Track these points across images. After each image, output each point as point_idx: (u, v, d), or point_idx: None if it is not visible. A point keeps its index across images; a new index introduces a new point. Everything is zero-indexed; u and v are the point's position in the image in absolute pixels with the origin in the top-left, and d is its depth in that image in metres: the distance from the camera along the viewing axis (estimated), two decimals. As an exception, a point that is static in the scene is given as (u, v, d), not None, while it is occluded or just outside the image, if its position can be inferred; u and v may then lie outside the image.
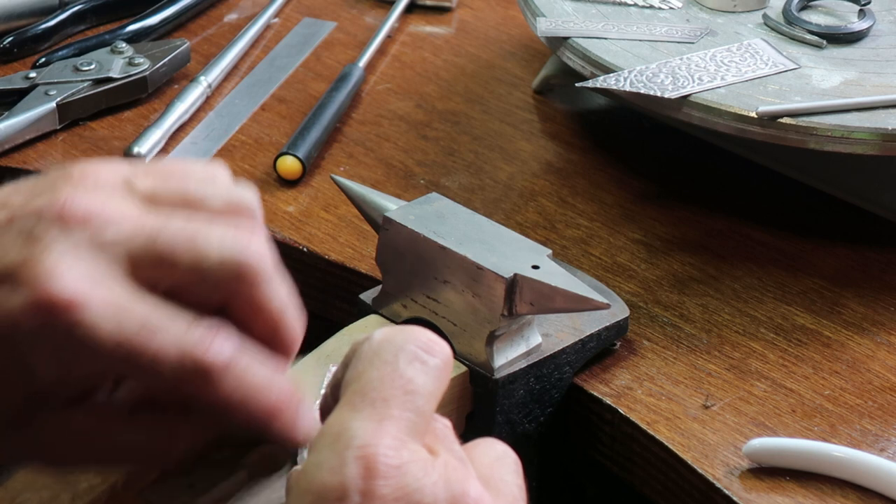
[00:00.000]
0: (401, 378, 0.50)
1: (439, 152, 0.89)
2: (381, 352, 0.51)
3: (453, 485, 0.48)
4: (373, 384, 0.50)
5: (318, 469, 0.48)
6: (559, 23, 0.85)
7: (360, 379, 0.50)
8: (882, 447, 0.68)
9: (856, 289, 0.79)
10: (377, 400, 0.49)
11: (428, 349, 0.51)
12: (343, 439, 0.48)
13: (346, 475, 0.47)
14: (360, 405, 0.49)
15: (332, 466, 0.47)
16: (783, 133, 0.76)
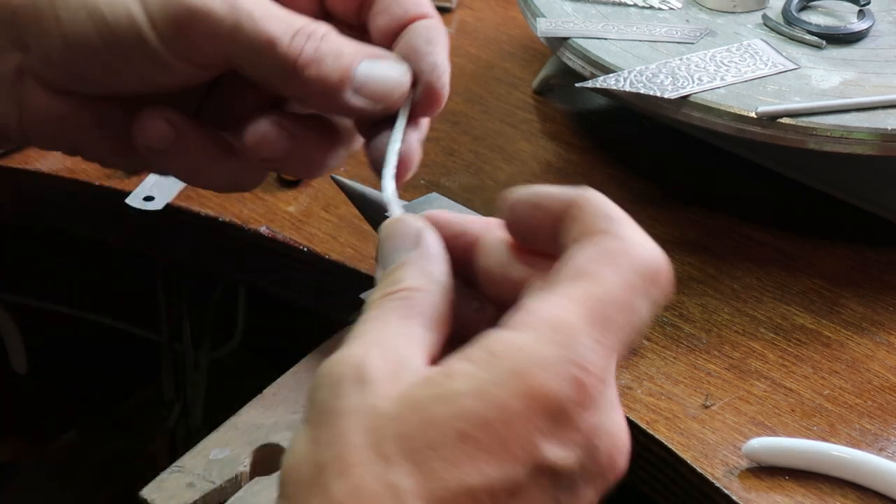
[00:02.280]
0: (635, 314, 0.47)
1: (439, 152, 0.90)
2: (627, 266, 0.47)
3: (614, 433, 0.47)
4: (613, 301, 0.46)
5: (538, 363, 0.44)
6: (559, 23, 0.85)
7: (601, 283, 0.46)
8: (881, 447, 0.68)
9: (855, 289, 0.79)
10: (612, 326, 0.46)
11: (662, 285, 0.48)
12: (572, 349, 0.45)
13: (562, 389, 0.45)
14: (596, 321, 0.46)
15: (550, 367, 0.44)
16: (783, 133, 0.76)
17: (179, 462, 0.62)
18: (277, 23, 0.56)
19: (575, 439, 0.46)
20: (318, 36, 0.57)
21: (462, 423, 0.44)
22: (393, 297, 0.49)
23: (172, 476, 0.61)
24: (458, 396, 0.44)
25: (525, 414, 0.44)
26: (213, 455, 0.62)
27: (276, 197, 0.85)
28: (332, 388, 0.46)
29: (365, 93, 0.58)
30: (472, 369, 0.45)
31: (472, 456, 0.44)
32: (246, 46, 0.56)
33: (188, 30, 0.55)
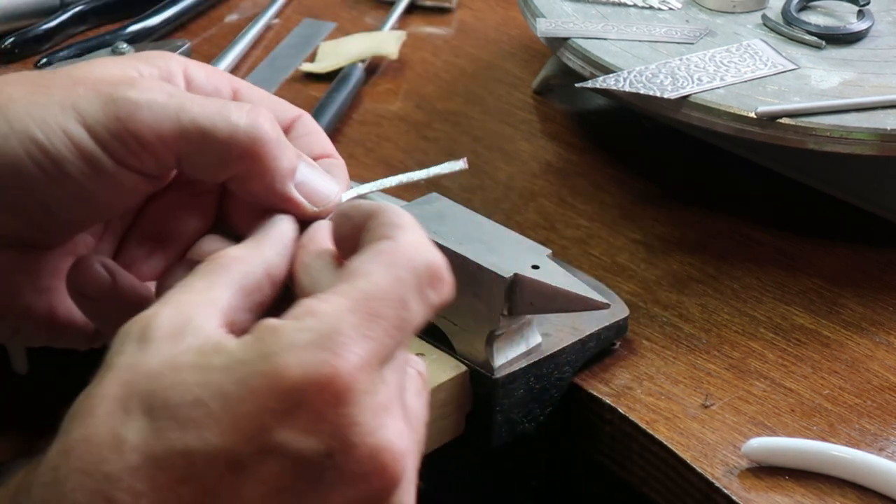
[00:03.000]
0: (403, 304, 0.48)
1: (439, 152, 0.90)
2: (397, 263, 0.48)
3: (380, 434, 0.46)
4: (379, 294, 0.47)
5: (288, 350, 0.45)
6: (559, 23, 0.86)
7: (368, 278, 0.47)
8: (881, 446, 0.68)
9: (855, 289, 0.79)
10: (376, 314, 0.47)
11: (436, 285, 0.49)
12: (329, 339, 0.45)
13: (308, 376, 0.45)
14: (359, 310, 0.46)
15: (302, 358, 0.45)
16: (782, 133, 0.76)
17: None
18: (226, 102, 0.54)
19: (318, 428, 0.45)
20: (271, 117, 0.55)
21: (202, 390, 0.45)
22: (210, 262, 0.50)
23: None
24: (210, 368, 0.45)
25: (262, 392, 0.45)
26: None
27: (276, 197, 0.85)
28: (117, 344, 0.47)
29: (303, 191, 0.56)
30: (233, 347, 0.46)
31: (200, 423, 0.44)
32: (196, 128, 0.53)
33: (133, 124, 0.53)
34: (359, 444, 0.46)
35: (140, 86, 0.53)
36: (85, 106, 0.52)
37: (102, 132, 0.52)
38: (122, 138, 0.52)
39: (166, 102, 0.53)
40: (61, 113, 0.52)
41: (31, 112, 0.52)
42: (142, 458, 0.44)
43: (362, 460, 0.46)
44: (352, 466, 0.46)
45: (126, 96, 0.53)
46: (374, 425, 0.46)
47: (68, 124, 0.52)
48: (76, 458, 0.45)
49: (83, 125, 0.52)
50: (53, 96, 0.53)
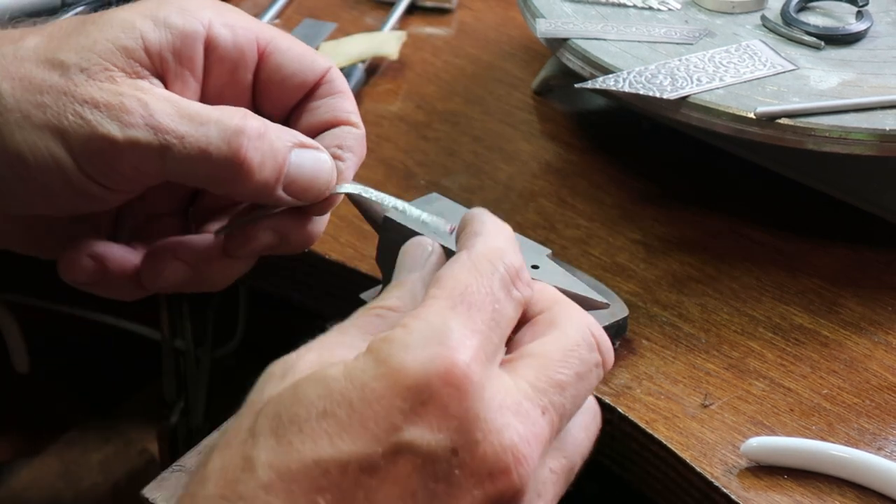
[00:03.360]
0: (493, 297, 0.50)
1: (439, 153, 0.90)
2: (480, 262, 0.51)
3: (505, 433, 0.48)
4: (470, 290, 0.49)
5: (402, 350, 0.47)
6: (559, 24, 0.86)
7: (457, 280, 0.50)
8: (880, 446, 0.68)
9: (854, 289, 0.79)
10: (473, 307, 0.49)
11: (516, 280, 0.51)
12: (435, 332, 0.47)
13: (428, 371, 0.46)
14: (458, 306, 0.49)
15: (416, 355, 0.47)
16: (781, 134, 0.77)
17: (180, 462, 0.62)
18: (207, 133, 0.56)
19: (444, 423, 0.47)
20: (256, 136, 0.57)
21: (326, 401, 0.46)
22: (369, 312, 0.52)
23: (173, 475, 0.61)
24: (329, 379, 0.47)
25: (386, 394, 0.46)
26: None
27: (277, 197, 0.85)
28: (260, 383, 0.50)
29: (292, 191, 0.58)
30: (348, 360, 0.48)
31: (329, 431, 0.46)
32: (179, 164, 0.56)
33: (115, 163, 0.55)
34: (482, 441, 0.47)
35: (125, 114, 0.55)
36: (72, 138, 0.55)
37: (86, 166, 0.55)
38: (105, 173, 0.56)
39: (149, 142, 0.55)
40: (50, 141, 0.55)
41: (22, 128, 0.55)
42: (275, 473, 0.46)
43: (486, 457, 0.47)
44: (477, 464, 0.47)
45: (109, 135, 0.55)
46: (499, 423, 0.47)
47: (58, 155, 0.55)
48: (212, 485, 0.46)
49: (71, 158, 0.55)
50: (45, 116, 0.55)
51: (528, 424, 0.48)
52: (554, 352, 0.51)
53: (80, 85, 0.55)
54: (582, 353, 0.52)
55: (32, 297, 1.14)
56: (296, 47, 0.62)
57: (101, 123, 0.55)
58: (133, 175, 0.56)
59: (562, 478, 0.51)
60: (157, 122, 0.55)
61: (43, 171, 0.55)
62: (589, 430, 0.53)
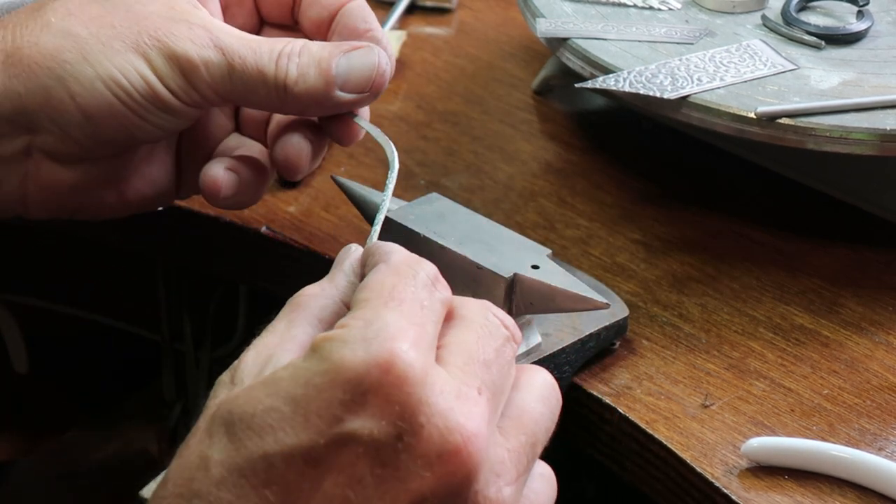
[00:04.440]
0: (419, 296, 0.52)
1: (439, 152, 0.90)
2: (400, 267, 0.54)
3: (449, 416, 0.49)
4: (397, 289, 0.52)
5: (342, 346, 0.49)
6: (559, 24, 0.86)
7: (383, 283, 0.53)
8: (880, 446, 0.68)
9: (854, 289, 0.79)
10: (404, 303, 0.51)
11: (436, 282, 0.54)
12: (374, 326, 0.49)
13: (367, 362, 0.48)
14: (389, 303, 0.51)
15: (356, 350, 0.49)
16: (782, 133, 0.77)
17: (180, 462, 0.62)
18: (261, 54, 0.64)
19: (386, 411, 0.48)
20: (296, 52, 0.64)
21: (272, 398, 0.48)
22: (289, 302, 0.56)
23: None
24: (277, 380, 0.49)
25: (328, 387, 0.48)
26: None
27: (277, 197, 0.85)
28: (214, 391, 0.52)
29: (350, 87, 0.65)
30: (297, 361, 0.50)
31: (274, 426, 0.48)
32: (242, 83, 0.64)
33: (191, 78, 0.63)
34: (426, 425, 0.48)
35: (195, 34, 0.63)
36: (154, 57, 0.62)
37: (170, 82, 0.63)
38: (186, 89, 0.63)
39: (219, 62, 0.63)
40: (136, 61, 0.62)
41: (110, 57, 0.62)
42: (225, 470, 0.48)
43: (432, 440, 0.48)
44: (424, 447, 0.48)
45: (186, 54, 0.63)
46: (442, 406, 0.49)
47: (145, 73, 0.63)
48: (172, 485, 0.49)
49: (156, 74, 0.63)
50: (125, 42, 0.63)
51: (469, 405, 0.50)
52: (468, 336, 0.53)
53: (148, 17, 0.63)
54: (492, 330, 0.54)
55: (32, 297, 1.14)
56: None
57: (176, 44, 0.62)
58: (207, 91, 0.63)
59: (524, 455, 0.52)
60: (223, 43, 0.63)
61: (136, 91, 0.62)
62: (549, 402, 0.54)
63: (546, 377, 0.55)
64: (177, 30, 0.63)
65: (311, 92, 0.64)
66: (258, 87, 0.64)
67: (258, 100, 0.65)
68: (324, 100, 0.65)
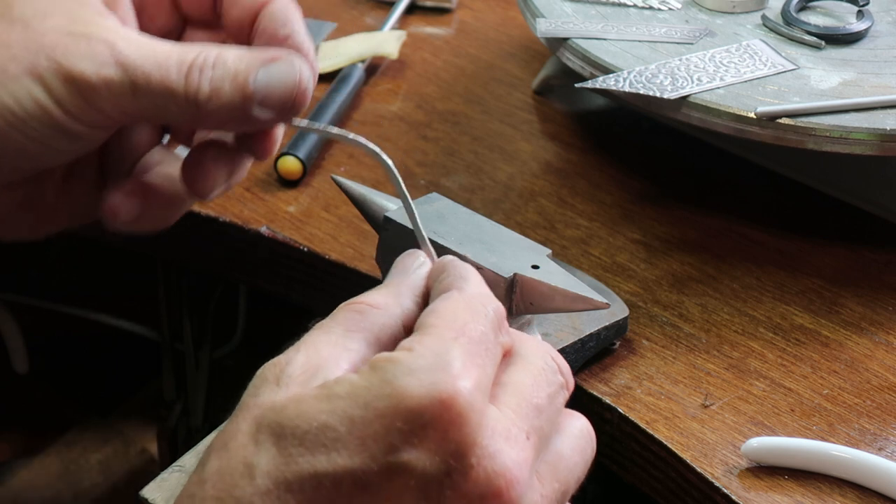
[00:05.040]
0: (486, 336, 0.52)
1: (439, 152, 0.90)
2: (474, 302, 0.53)
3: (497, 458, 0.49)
4: (468, 326, 0.51)
5: (408, 374, 0.48)
6: (559, 24, 0.86)
7: (455, 315, 0.52)
8: (880, 446, 0.68)
9: (854, 288, 0.79)
10: (472, 342, 0.51)
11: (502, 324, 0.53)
12: (442, 360, 0.49)
13: (431, 396, 0.48)
14: (459, 339, 0.50)
15: (423, 381, 0.48)
16: (782, 133, 0.77)
17: (179, 462, 0.62)
18: (168, 68, 0.57)
19: (442, 447, 0.48)
20: (210, 65, 0.58)
21: (329, 416, 0.48)
22: (350, 308, 0.54)
23: (173, 476, 0.61)
24: (333, 396, 0.48)
25: (388, 414, 0.48)
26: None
27: (277, 197, 0.85)
28: (254, 387, 0.51)
29: (270, 104, 0.58)
30: (354, 377, 0.49)
31: (328, 446, 0.47)
32: (148, 100, 0.57)
33: (92, 100, 0.57)
34: (475, 466, 0.48)
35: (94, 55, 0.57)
36: (50, 80, 0.56)
37: (68, 105, 0.57)
38: (85, 111, 0.57)
39: (121, 80, 0.57)
40: (32, 86, 0.56)
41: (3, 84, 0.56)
42: (272, 482, 0.47)
43: (478, 482, 0.49)
44: (469, 487, 0.48)
45: (83, 75, 0.56)
46: (493, 449, 0.49)
47: (40, 98, 0.57)
48: (211, 487, 0.48)
49: (52, 98, 0.57)
50: (20, 65, 0.57)
51: (517, 449, 0.50)
52: (525, 379, 0.53)
53: (46, 33, 0.57)
54: (549, 376, 0.53)
55: (32, 297, 1.14)
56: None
57: (73, 64, 0.57)
58: (111, 111, 0.57)
59: (555, 502, 0.52)
60: (125, 59, 0.57)
61: (31, 118, 0.57)
62: (584, 454, 0.55)
63: (584, 425, 0.55)
64: (75, 47, 0.57)
65: (226, 108, 0.58)
66: (167, 103, 0.57)
67: (171, 116, 0.59)
68: (241, 117, 0.58)
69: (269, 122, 0.59)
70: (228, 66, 0.57)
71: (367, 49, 0.98)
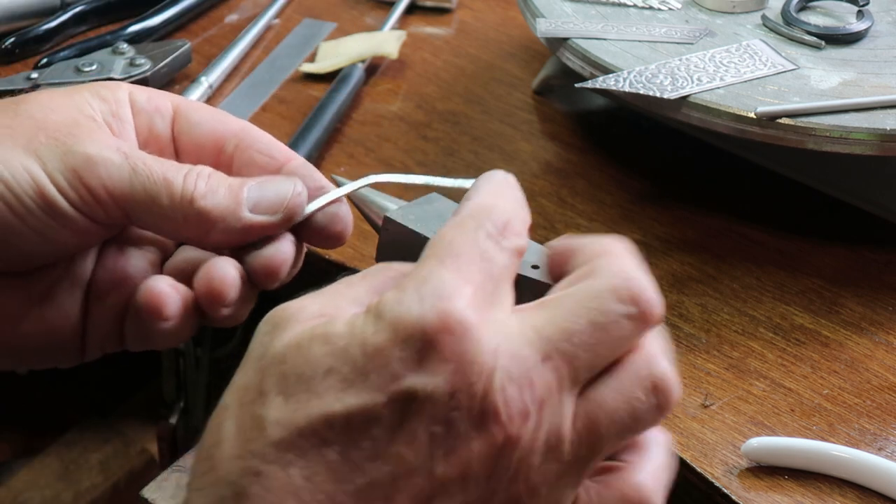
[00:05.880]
0: (479, 248, 0.52)
1: (439, 152, 0.90)
2: (464, 220, 0.53)
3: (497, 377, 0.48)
4: (454, 244, 0.51)
5: (398, 304, 0.49)
6: (559, 24, 0.86)
7: (442, 238, 0.52)
8: (880, 446, 0.68)
9: (854, 288, 0.79)
10: (460, 258, 0.51)
11: (504, 231, 0.54)
12: (428, 285, 0.49)
13: (423, 319, 0.48)
14: (445, 259, 0.51)
15: (412, 308, 0.48)
16: (782, 133, 0.77)
17: (180, 462, 0.62)
18: (168, 166, 0.59)
19: (441, 367, 0.48)
20: (206, 174, 0.59)
21: (331, 358, 0.48)
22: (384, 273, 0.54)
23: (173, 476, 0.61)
24: (333, 336, 0.49)
25: (386, 346, 0.48)
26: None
27: (277, 197, 0.85)
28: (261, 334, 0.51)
29: (261, 209, 0.60)
30: (347, 317, 0.50)
31: (334, 387, 0.48)
32: (143, 191, 0.58)
33: (86, 178, 0.57)
34: (475, 383, 0.48)
35: (97, 139, 0.58)
36: (46, 154, 0.57)
37: (61, 181, 0.57)
38: (78, 190, 0.57)
39: (120, 164, 0.58)
40: (26, 159, 0.57)
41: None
42: (284, 430, 0.48)
43: (477, 398, 0.48)
44: (472, 405, 0.48)
45: (84, 151, 0.57)
46: (490, 365, 0.48)
47: (33, 170, 0.57)
48: (228, 446, 0.48)
49: (46, 173, 0.57)
50: (17, 140, 0.57)
51: (523, 368, 0.49)
52: (569, 300, 0.51)
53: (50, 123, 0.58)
54: (604, 301, 0.51)
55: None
56: (207, 110, 0.64)
57: (74, 143, 0.57)
58: (103, 194, 0.57)
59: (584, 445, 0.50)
60: (127, 149, 0.58)
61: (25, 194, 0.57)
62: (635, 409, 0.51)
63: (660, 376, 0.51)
64: (77, 132, 0.58)
65: (218, 208, 0.59)
66: (161, 195, 0.58)
67: (159, 212, 0.58)
68: (231, 219, 0.59)
69: (261, 229, 0.60)
70: (223, 178, 0.59)
71: (367, 49, 0.98)
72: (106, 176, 0.57)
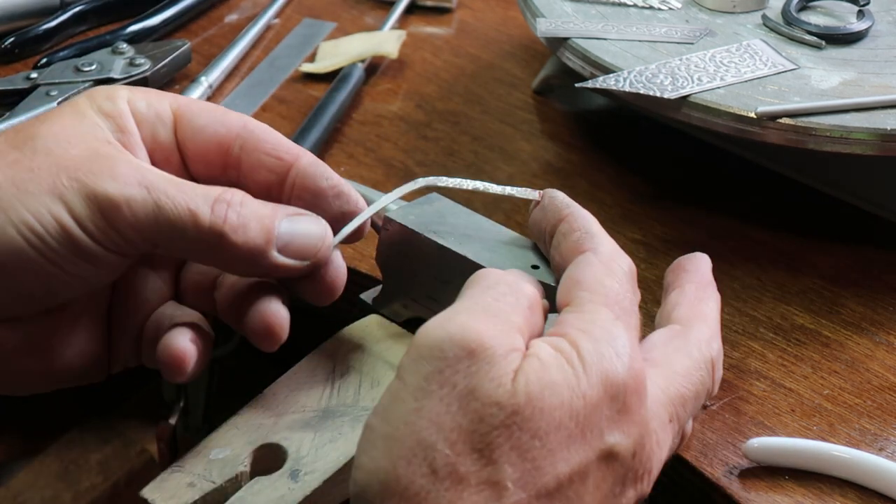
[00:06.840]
0: (632, 299, 0.54)
1: (439, 152, 0.90)
2: (610, 266, 0.55)
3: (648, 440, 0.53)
4: (619, 296, 0.53)
5: (600, 359, 0.50)
6: (559, 23, 0.86)
7: (603, 285, 0.54)
8: (881, 446, 0.68)
9: (855, 289, 0.79)
10: (625, 313, 0.53)
11: (634, 278, 0.57)
12: (619, 342, 0.51)
13: (626, 379, 0.50)
14: (620, 316, 0.53)
15: (616, 366, 0.50)
16: (782, 133, 0.77)
17: (179, 462, 0.62)
18: (194, 196, 0.57)
19: (633, 429, 0.51)
20: (237, 202, 0.58)
21: (559, 412, 0.49)
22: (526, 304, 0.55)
23: (172, 476, 0.61)
24: (557, 385, 0.49)
25: (599, 403, 0.50)
26: (213, 455, 0.62)
27: (277, 197, 0.85)
28: (450, 360, 0.50)
29: (290, 252, 0.59)
30: (552, 358, 0.50)
31: (562, 443, 0.49)
32: (169, 225, 0.57)
33: (112, 219, 0.57)
34: (647, 446, 0.52)
35: (119, 174, 0.57)
36: (71, 198, 0.56)
37: (89, 224, 0.57)
38: (106, 231, 0.57)
39: (144, 200, 0.57)
40: (52, 204, 0.56)
41: (23, 201, 0.56)
42: (524, 492, 0.48)
43: (644, 460, 0.52)
44: (638, 467, 0.52)
45: (107, 193, 0.56)
46: (652, 426, 0.53)
47: (61, 216, 0.56)
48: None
49: (72, 217, 0.56)
50: (41, 185, 0.56)
51: (664, 434, 0.54)
52: (679, 366, 0.56)
53: (69, 158, 0.57)
54: (702, 374, 0.56)
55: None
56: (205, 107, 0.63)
57: (96, 183, 0.57)
58: (132, 233, 0.57)
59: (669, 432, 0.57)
60: (149, 181, 0.57)
61: (50, 236, 0.56)
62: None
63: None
64: (98, 168, 0.57)
65: (249, 245, 0.58)
66: (188, 229, 0.57)
67: (187, 246, 0.58)
68: (260, 258, 0.59)
69: (285, 271, 0.60)
70: (254, 208, 0.58)
71: (367, 49, 0.98)
72: (131, 215, 0.57)
